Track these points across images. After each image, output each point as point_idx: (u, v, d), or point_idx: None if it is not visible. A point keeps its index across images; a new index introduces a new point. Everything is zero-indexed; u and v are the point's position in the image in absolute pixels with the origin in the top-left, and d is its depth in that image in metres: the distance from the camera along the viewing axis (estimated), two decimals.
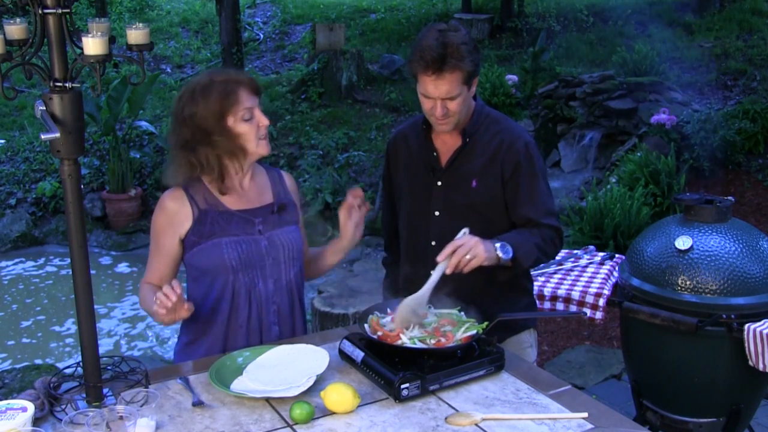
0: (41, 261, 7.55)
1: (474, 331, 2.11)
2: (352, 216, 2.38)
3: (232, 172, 2.28)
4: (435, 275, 2.15)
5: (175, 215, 2.24)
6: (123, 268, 7.40)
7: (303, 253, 2.40)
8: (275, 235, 2.30)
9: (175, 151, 2.24)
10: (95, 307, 1.93)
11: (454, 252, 2.13)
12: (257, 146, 2.23)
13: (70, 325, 6.11)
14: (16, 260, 7.56)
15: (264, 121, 2.22)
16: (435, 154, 2.44)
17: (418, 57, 2.23)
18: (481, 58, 2.45)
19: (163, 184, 2.31)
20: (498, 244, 2.21)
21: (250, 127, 2.20)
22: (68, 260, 1.99)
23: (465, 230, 2.21)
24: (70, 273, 1.89)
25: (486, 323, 2.13)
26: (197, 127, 2.17)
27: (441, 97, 2.26)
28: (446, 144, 2.43)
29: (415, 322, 2.14)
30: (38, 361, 5.47)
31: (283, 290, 2.32)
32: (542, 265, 3.44)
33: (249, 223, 2.27)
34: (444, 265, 2.14)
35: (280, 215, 2.34)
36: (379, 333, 2.12)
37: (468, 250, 2.12)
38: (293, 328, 2.37)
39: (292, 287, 2.35)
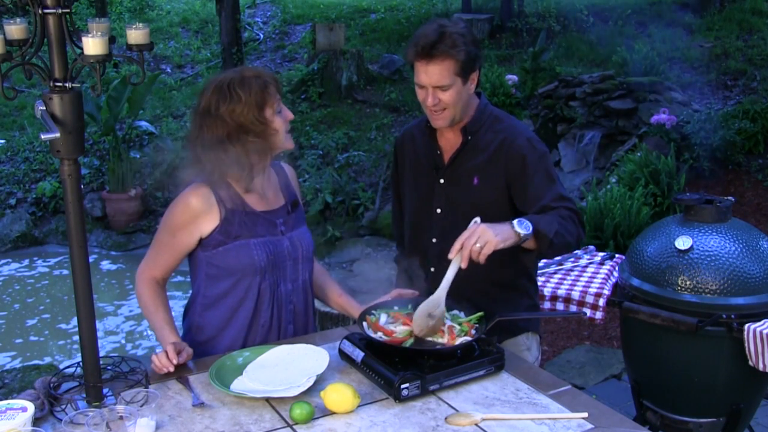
0: (41, 261, 7.55)
1: (475, 324, 2.14)
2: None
3: (258, 170, 2.24)
4: (449, 274, 2.08)
5: (200, 214, 2.20)
6: (123, 267, 7.39)
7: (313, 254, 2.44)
8: (294, 235, 2.32)
9: (200, 149, 2.16)
10: (98, 305, 1.93)
11: (462, 246, 2.06)
12: (285, 140, 2.24)
13: (76, 323, 6.12)
14: (17, 260, 7.55)
15: (289, 114, 2.25)
16: (438, 152, 2.45)
17: (413, 43, 2.27)
18: (482, 56, 2.44)
19: (183, 180, 2.24)
20: (515, 221, 2.12)
21: (281, 121, 2.22)
22: (68, 259, 1.98)
23: (476, 219, 2.14)
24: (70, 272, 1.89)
25: (480, 314, 2.14)
26: (235, 122, 2.14)
27: (432, 85, 2.27)
28: (449, 142, 2.44)
29: (432, 325, 2.08)
30: (47, 359, 5.48)
31: (299, 290, 2.34)
32: (542, 264, 3.45)
33: (272, 224, 2.28)
34: (456, 261, 2.06)
35: (295, 214, 2.36)
36: (383, 336, 2.11)
37: (476, 238, 2.04)
38: (306, 326, 2.40)
39: (306, 287, 2.37)
